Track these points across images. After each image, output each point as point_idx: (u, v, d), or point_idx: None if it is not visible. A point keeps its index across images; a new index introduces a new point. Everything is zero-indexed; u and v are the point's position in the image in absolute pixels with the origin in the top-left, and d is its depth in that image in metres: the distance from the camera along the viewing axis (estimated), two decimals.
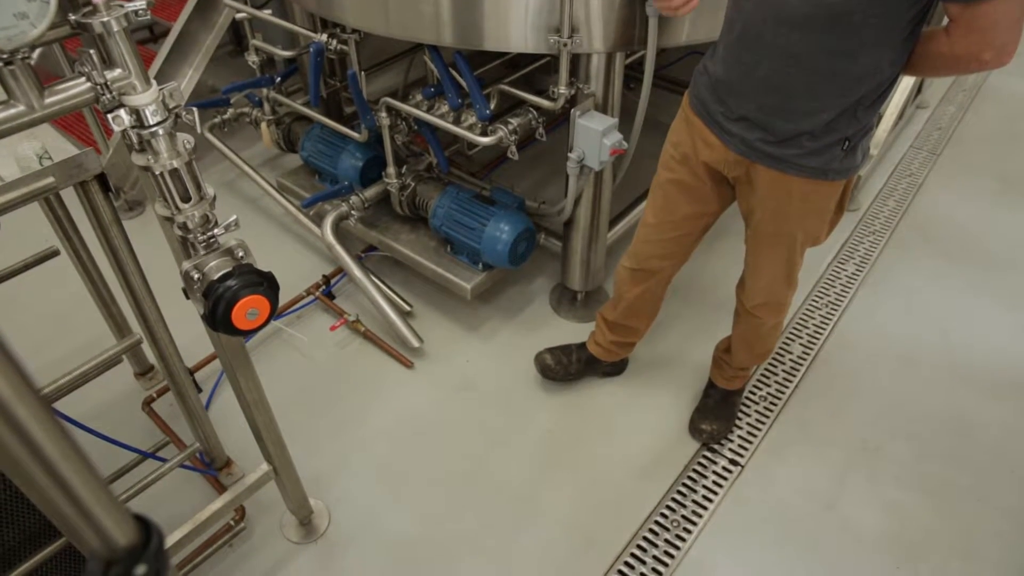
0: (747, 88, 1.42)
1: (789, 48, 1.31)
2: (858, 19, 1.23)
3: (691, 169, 1.64)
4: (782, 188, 1.51)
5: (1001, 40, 1.21)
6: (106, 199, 1.47)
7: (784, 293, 1.79)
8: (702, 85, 1.55)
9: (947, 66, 1.32)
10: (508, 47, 1.88)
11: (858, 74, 1.31)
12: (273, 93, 2.72)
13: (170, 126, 1.11)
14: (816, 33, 1.27)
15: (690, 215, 1.73)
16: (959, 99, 3.80)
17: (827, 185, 1.48)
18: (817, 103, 1.36)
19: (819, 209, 1.55)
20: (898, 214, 3.00)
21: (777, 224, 1.61)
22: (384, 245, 2.49)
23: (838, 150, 1.42)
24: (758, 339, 1.94)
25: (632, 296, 1.97)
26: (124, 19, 1.03)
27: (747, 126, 1.46)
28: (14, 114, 1.02)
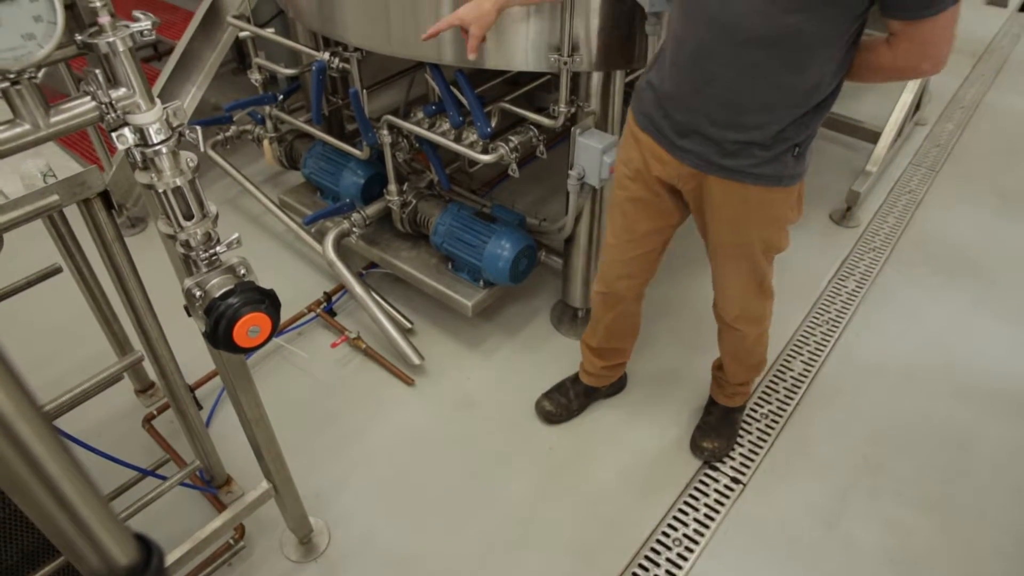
0: (698, 103, 1.44)
1: (742, 65, 1.35)
2: (806, 37, 1.28)
3: (645, 184, 1.66)
4: (739, 197, 1.53)
5: (939, 52, 1.29)
6: (109, 216, 1.47)
7: (759, 304, 1.79)
8: (648, 101, 1.57)
9: (888, 75, 1.39)
10: (509, 66, 1.90)
11: (807, 86, 1.36)
12: (275, 111, 2.74)
13: (173, 144, 1.12)
14: (768, 50, 1.31)
15: (650, 231, 1.74)
16: (957, 116, 3.82)
17: (782, 191, 1.52)
18: (768, 115, 1.40)
19: (777, 216, 1.58)
20: (898, 230, 3.01)
21: (736, 234, 1.62)
22: (385, 262, 2.50)
23: (789, 157, 1.46)
24: (745, 352, 1.94)
25: (609, 319, 1.99)
26: (129, 39, 1.04)
27: (699, 140, 1.49)
28: (20, 133, 1.03)
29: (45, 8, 0.92)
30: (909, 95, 3.22)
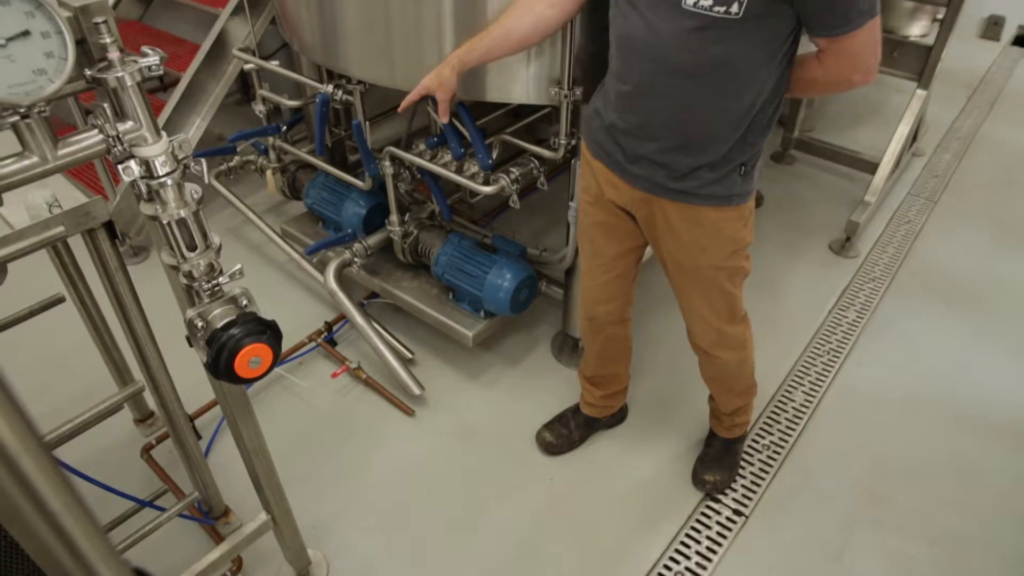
0: (645, 133, 1.49)
1: (682, 96, 1.39)
2: (737, 64, 1.33)
3: (605, 210, 1.70)
4: (692, 219, 1.56)
5: (866, 63, 1.35)
6: (113, 247, 1.49)
7: (734, 330, 1.80)
8: (596, 129, 1.61)
9: (822, 89, 1.46)
10: (510, 99, 1.93)
11: (746, 107, 1.40)
12: (279, 141, 2.77)
13: (178, 176, 1.13)
14: (703, 80, 1.36)
15: (619, 253, 1.78)
16: (954, 147, 3.86)
17: (733, 210, 1.56)
18: (713, 139, 1.44)
19: (731, 236, 1.60)
20: (897, 261, 3.02)
21: (693, 257, 1.64)
22: (386, 292, 2.50)
23: (736, 176, 1.50)
24: (729, 379, 1.94)
25: (598, 345, 2.01)
26: (138, 74, 1.06)
27: (648, 165, 1.52)
28: (28, 165, 1.04)
29: (57, 45, 0.94)
30: (906, 127, 3.25)
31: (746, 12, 1.24)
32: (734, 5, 1.24)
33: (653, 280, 1.82)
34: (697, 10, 1.27)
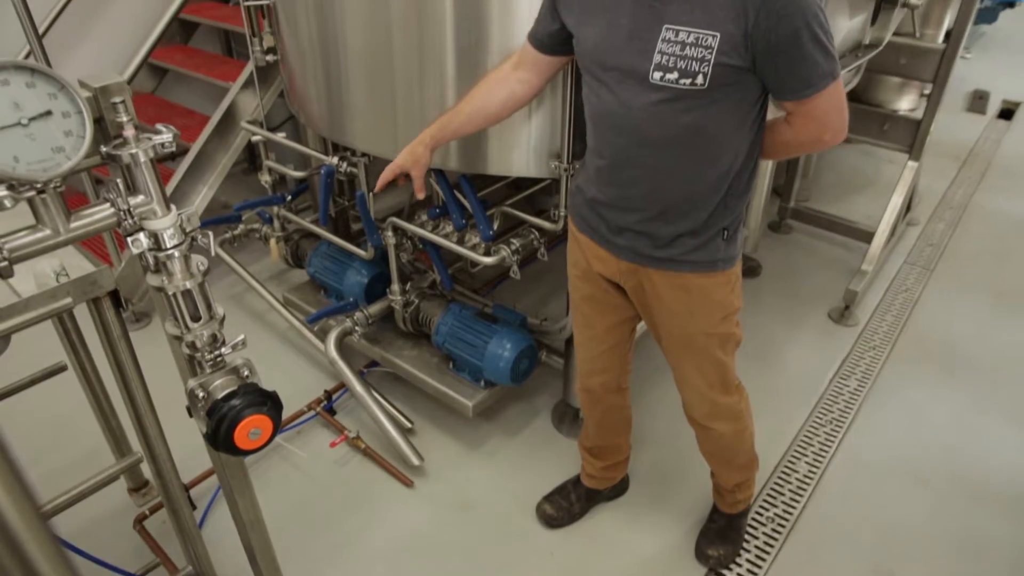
0: (626, 205, 1.52)
1: (659, 166, 1.43)
2: (711, 131, 1.37)
3: (594, 284, 1.72)
4: (679, 286, 1.57)
5: (835, 123, 1.40)
6: (117, 315, 1.50)
7: (728, 400, 1.78)
8: (580, 204, 1.64)
9: (795, 149, 1.53)
10: (510, 172, 1.98)
11: (723, 173, 1.44)
12: (283, 211, 2.82)
13: (186, 249, 1.16)
14: (678, 149, 1.40)
15: (610, 326, 1.79)
16: (948, 216, 3.92)
17: (719, 275, 1.57)
18: (694, 206, 1.47)
19: (719, 301, 1.61)
20: (896, 329, 3.03)
21: (683, 325, 1.64)
22: (387, 361, 2.51)
23: (719, 240, 1.52)
24: (728, 451, 1.92)
25: (597, 416, 2.00)
26: (151, 150, 1.10)
27: (631, 236, 1.55)
28: (40, 238, 1.06)
29: (76, 124, 0.97)
30: (899, 197, 3.31)
31: (711, 83, 1.29)
32: (699, 77, 1.29)
33: (654, 349, 1.82)
34: (664, 83, 1.31)
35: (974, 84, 5.44)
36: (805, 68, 1.28)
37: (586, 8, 1.41)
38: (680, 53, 1.29)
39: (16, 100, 0.93)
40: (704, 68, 1.28)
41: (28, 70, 0.93)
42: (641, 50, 1.32)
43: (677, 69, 1.29)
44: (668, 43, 1.29)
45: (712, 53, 1.26)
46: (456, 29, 1.81)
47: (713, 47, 1.26)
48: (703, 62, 1.27)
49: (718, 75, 1.28)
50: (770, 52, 1.26)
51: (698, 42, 1.27)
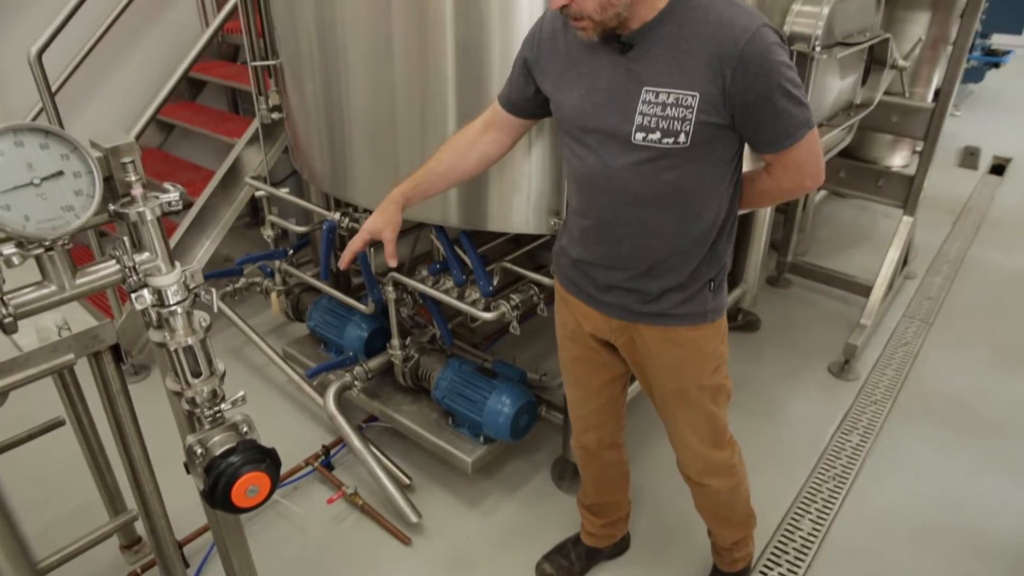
0: (613, 263, 1.53)
1: (644, 223, 1.45)
2: (693, 186, 1.40)
3: (583, 343, 1.72)
4: (670, 341, 1.57)
5: (813, 170, 1.43)
6: (117, 369, 1.50)
7: (720, 455, 1.76)
8: (565, 265, 1.65)
9: (777, 198, 1.56)
10: (510, 228, 2.00)
11: (708, 226, 1.46)
12: (285, 265, 2.85)
13: (188, 305, 1.17)
14: (660, 206, 1.43)
15: (602, 384, 1.78)
16: (944, 270, 3.95)
17: (709, 327, 1.57)
18: (680, 259, 1.49)
19: (709, 353, 1.61)
20: (897, 383, 3.02)
21: (676, 379, 1.64)
22: (386, 416, 2.49)
23: (707, 292, 1.53)
24: (724, 508, 1.89)
25: (593, 472, 1.99)
26: (158, 208, 1.12)
27: (619, 293, 1.56)
28: (46, 294, 1.08)
29: (86, 183, 1.00)
30: (896, 251, 3.34)
31: (693, 140, 1.32)
32: (681, 136, 1.32)
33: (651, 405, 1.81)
34: (647, 144, 1.34)
35: (965, 140, 5.54)
36: (781, 122, 1.32)
37: (563, 73, 1.44)
38: (661, 114, 1.32)
39: (30, 161, 0.95)
40: (686, 127, 1.31)
41: (43, 132, 0.96)
42: (622, 112, 1.35)
43: (659, 129, 1.33)
44: (649, 104, 1.33)
45: (693, 112, 1.30)
46: (458, 89, 1.87)
47: (693, 106, 1.30)
48: (685, 121, 1.31)
49: (699, 133, 1.32)
50: (748, 109, 1.30)
51: (678, 102, 1.30)
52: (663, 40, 1.31)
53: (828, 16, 1.97)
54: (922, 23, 3.34)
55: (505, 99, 1.59)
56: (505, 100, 1.59)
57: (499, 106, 1.60)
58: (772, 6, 1.97)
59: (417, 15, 1.84)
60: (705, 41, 1.28)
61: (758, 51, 1.26)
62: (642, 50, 1.32)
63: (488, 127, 1.63)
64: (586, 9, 1.26)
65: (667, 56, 1.30)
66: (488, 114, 1.64)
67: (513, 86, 1.56)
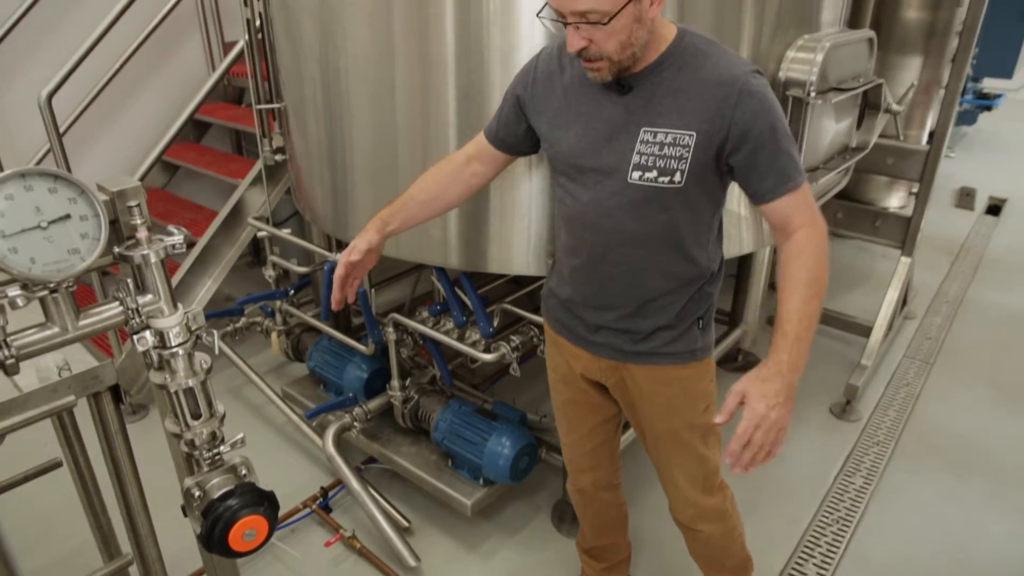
0: (602, 303, 1.53)
1: (635, 263, 1.46)
2: (684, 227, 1.42)
3: (574, 386, 1.71)
4: (660, 380, 1.57)
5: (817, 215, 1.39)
6: (116, 410, 1.49)
7: (712, 500, 1.74)
8: (554, 307, 1.66)
9: (814, 259, 1.36)
10: (510, 270, 2.02)
11: (696, 266, 1.48)
12: (286, 305, 2.85)
13: (190, 347, 1.17)
14: (651, 246, 1.44)
15: (595, 426, 1.78)
16: (944, 310, 3.95)
17: (698, 365, 1.57)
18: (669, 298, 1.49)
19: (699, 392, 1.60)
20: (900, 424, 3.00)
21: (667, 419, 1.63)
22: (385, 458, 2.47)
23: (695, 330, 1.54)
24: (719, 553, 1.86)
25: (591, 515, 1.97)
26: (162, 251, 1.13)
27: (609, 333, 1.56)
28: (49, 335, 1.08)
29: (93, 227, 1.01)
30: (895, 292, 3.35)
31: (687, 180, 1.34)
32: (676, 175, 1.34)
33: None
34: (643, 183, 1.36)
35: (960, 181, 5.60)
36: (782, 161, 1.33)
37: (559, 113, 1.46)
38: (659, 153, 1.34)
39: (38, 204, 0.97)
40: (682, 166, 1.33)
41: (52, 176, 0.98)
42: (619, 151, 1.37)
43: (656, 168, 1.35)
44: (646, 144, 1.35)
45: (689, 152, 1.32)
46: (459, 132, 1.90)
47: (690, 146, 1.32)
48: (681, 160, 1.33)
49: (694, 173, 1.34)
50: (752, 150, 1.31)
51: (676, 142, 1.33)
52: (662, 83, 1.34)
53: (822, 62, 2.01)
54: (914, 68, 3.41)
55: (492, 134, 1.60)
56: (492, 135, 1.60)
57: (484, 140, 1.61)
58: (767, 52, 2.02)
59: (420, 60, 1.88)
60: (703, 84, 1.31)
61: (755, 94, 1.30)
62: (641, 92, 1.35)
63: (471, 160, 1.63)
64: (606, 50, 1.27)
65: (666, 98, 1.34)
66: (472, 147, 1.64)
67: (502, 122, 1.57)
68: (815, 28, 2.18)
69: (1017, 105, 7.86)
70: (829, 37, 2.10)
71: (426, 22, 1.83)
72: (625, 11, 1.22)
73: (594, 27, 1.24)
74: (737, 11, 1.89)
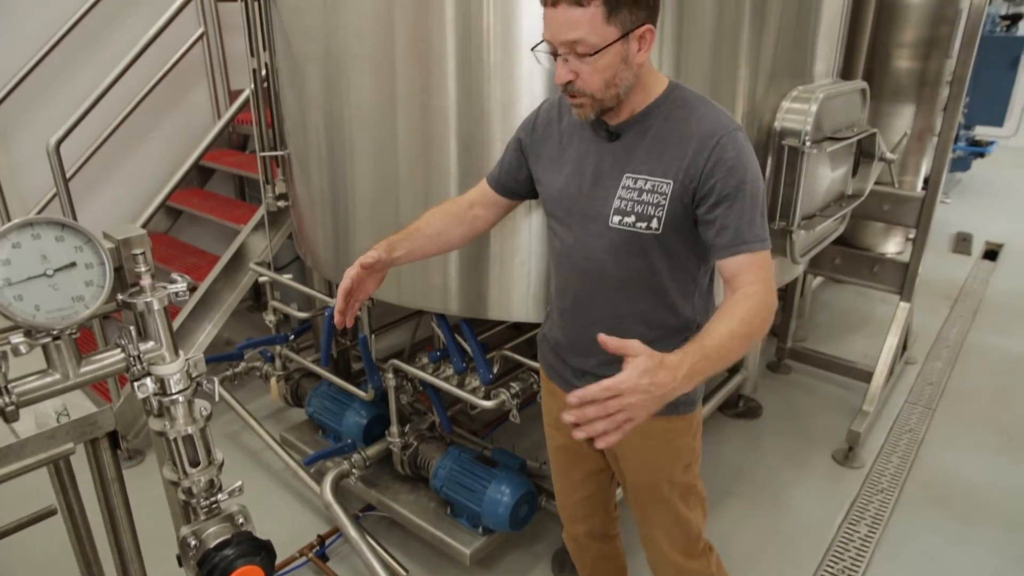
0: (584, 347, 1.53)
1: (617, 309, 1.47)
2: (666, 274, 1.43)
3: (566, 432, 1.67)
4: (641, 432, 1.52)
5: (772, 290, 1.33)
6: (113, 456, 1.48)
7: (692, 564, 1.68)
8: (547, 352, 1.67)
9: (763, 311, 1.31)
10: (510, 317, 2.02)
11: (678, 316, 1.47)
12: (285, 350, 2.85)
13: (190, 394, 1.17)
14: (634, 290, 1.45)
15: (586, 474, 1.76)
16: (944, 355, 3.95)
17: (681, 419, 1.55)
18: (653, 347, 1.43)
19: (681, 447, 1.59)
20: (903, 471, 2.97)
21: (647, 473, 1.61)
22: (383, 505, 2.44)
23: None
24: None
25: (588, 565, 1.94)
26: (165, 299, 1.14)
27: (592, 379, 1.50)
28: (50, 382, 1.08)
29: (98, 274, 1.02)
30: (894, 337, 3.35)
31: (665, 228, 1.36)
32: (653, 221, 1.36)
33: None
34: (622, 227, 1.38)
35: (956, 227, 5.65)
36: (744, 221, 1.31)
37: (553, 157, 1.50)
38: (638, 199, 1.37)
39: (44, 252, 0.98)
40: (659, 213, 1.35)
41: (59, 225, 0.99)
42: (604, 196, 1.41)
43: (634, 213, 1.37)
44: (627, 189, 1.38)
45: (666, 199, 1.35)
46: (460, 181, 1.93)
47: (667, 194, 1.35)
48: (658, 207, 1.35)
49: (671, 221, 1.36)
50: (714, 203, 1.32)
51: (654, 189, 1.36)
52: (648, 132, 1.37)
53: (816, 113, 2.05)
54: (907, 115, 3.47)
55: (494, 179, 1.63)
56: (494, 180, 1.63)
57: (487, 185, 1.65)
58: (763, 103, 2.06)
59: (421, 111, 1.92)
60: (686, 135, 1.34)
61: (732, 150, 1.32)
62: (628, 139, 1.39)
63: (473, 204, 1.66)
64: (590, 86, 1.30)
65: (649, 146, 1.37)
66: (475, 193, 1.67)
67: (504, 167, 1.62)
68: (809, 79, 2.23)
69: (1010, 152, 7.98)
70: (823, 88, 2.15)
71: (428, 74, 1.87)
72: (612, 48, 1.26)
73: (581, 61, 1.28)
74: (732, 63, 1.94)
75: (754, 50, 1.97)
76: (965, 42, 2.84)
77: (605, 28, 1.25)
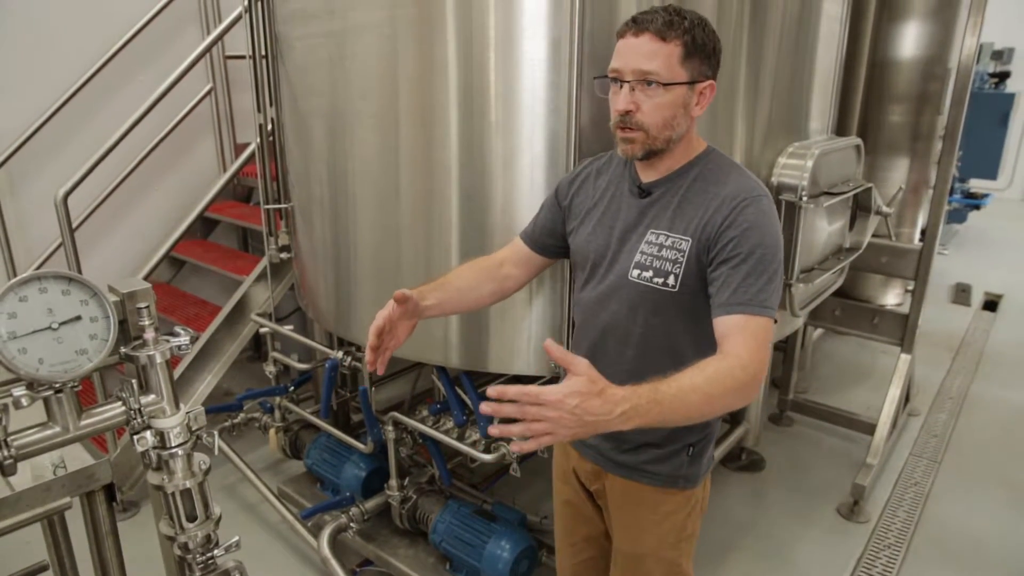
0: None
1: (628, 363, 1.45)
2: (679, 333, 1.41)
3: (572, 487, 1.69)
4: (634, 498, 1.53)
5: (763, 358, 1.26)
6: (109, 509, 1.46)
7: None
8: None
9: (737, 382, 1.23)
10: (511, 370, 2.02)
11: None
12: (285, 401, 2.84)
13: (189, 447, 1.17)
14: (648, 348, 1.43)
15: (588, 537, 1.72)
16: (948, 407, 3.92)
17: (678, 494, 1.52)
18: None
19: (673, 524, 1.54)
20: (910, 526, 2.92)
21: (632, 542, 1.57)
22: (381, 560, 2.40)
23: (684, 456, 1.49)
24: None
25: None
26: (168, 352, 1.15)
27: (598, 436, 1.53)
28: (49, 435, 1.08)
29: (102, 328, 1.03)
30: (897, 389, 3.34)
31: (681, 286, 1.36)
32: (671, 278, 1.36)
33: None
34: (640, 281, 1.39)
35: (955, 278, 5.68)
36: (749, 283, 1.28)
37: (587, 210, 1.53)
38: (657, 254, 1.38)
39: (50, 306, 0.99)
40: (676, 270, 1.36)
41: (66, 279, 1.00)
42: (628, 250, 1.43)
43: (652, 268, 1.38)
44: (649, 244, 1.40)
45: (684, 256, 1.35)
46: (461, 234, 1.95)
47: (685, 251, 1.36)
48: (676, 263, 1.36)
49: (688, 279, 1.36)
50: (723, 260, 1.31)
51: (673, 246, 1.37)
52: (678, 190, 1.40)
53: (812, 168, 2.09)
54: (902, 168, 3.53)
55: (528, 236, 1.64)
56: (528, 237, 1.64)
57: (520, 242, 1.65)
58: (759, 159, 2.10)
59: (424, 164, 1.95)
60: (712, 196, 1.36)
61: (755, 214, 1.32)
62: (658, 197, 1.42)
63: (504, 263, 1.64)
64: (647, 121, 1.33)
65: (676, 204, 1.39)
66: (507, 251, 1.67)
67: (538, 223, 1.63)
68: (804, 136, 2.28)
69: (1005, 204, 8.08)
70: (818, 144, 2.20)
71: (432, 129, 1.92)
72: (679, 89, 1.30)
73: (647, 94, 1.31)
74: (729, 120, 1.99)
75: (750, 108, 2.02)
76: (955, 99, 2.90)
77: (678, 68, 1.29)
